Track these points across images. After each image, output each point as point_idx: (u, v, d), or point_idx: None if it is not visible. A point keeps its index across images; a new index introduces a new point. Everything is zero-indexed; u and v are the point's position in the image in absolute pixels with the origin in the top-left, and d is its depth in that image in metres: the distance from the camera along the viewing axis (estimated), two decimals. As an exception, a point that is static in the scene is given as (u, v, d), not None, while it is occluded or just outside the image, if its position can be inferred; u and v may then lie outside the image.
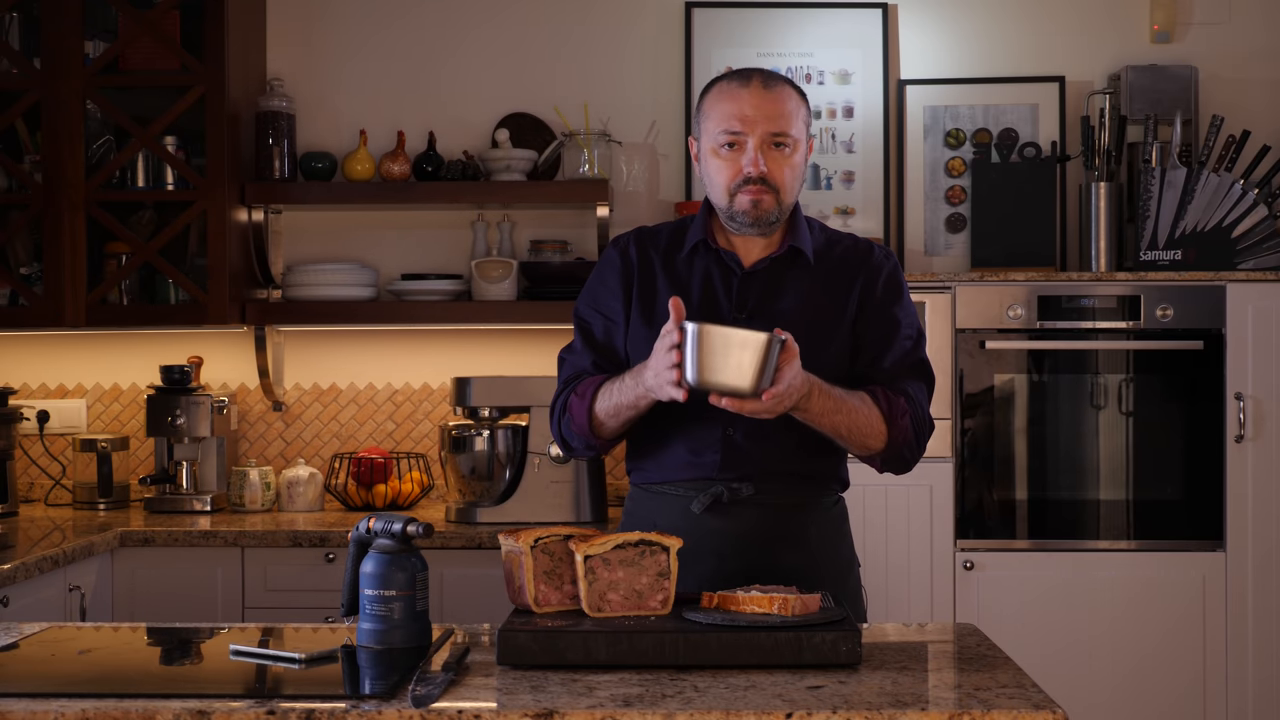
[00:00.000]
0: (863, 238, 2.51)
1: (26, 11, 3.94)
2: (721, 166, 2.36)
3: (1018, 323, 3.69)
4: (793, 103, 2.36)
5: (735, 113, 2.34)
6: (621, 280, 2.45)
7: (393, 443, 4.18)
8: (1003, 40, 4.18)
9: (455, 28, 4.22)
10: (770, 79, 2.37)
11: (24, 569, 3.03)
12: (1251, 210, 3.79)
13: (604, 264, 2.49)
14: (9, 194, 3.94)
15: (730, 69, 2.44)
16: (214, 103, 3.85)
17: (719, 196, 2.38)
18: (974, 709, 1.74)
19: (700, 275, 2.41)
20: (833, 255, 2.45)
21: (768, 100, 2.33)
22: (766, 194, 2.33)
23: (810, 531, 2.42)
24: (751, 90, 2.34)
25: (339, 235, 4.21)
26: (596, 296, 2.48)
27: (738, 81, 2.37)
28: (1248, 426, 3.65)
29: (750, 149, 2.33)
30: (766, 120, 2.33)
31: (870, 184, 4.15)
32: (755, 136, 2.33)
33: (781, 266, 2.41)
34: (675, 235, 2.48)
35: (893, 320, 2.42)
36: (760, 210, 2.34)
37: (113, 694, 1.80)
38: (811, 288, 2.41)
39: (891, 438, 2.36)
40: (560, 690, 1.83)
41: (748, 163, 2.33)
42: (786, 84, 2.38)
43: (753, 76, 2.37)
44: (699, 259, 2.43)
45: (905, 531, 3.67)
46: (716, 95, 2.39)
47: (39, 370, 4.22)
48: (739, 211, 2.35)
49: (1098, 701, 3.65)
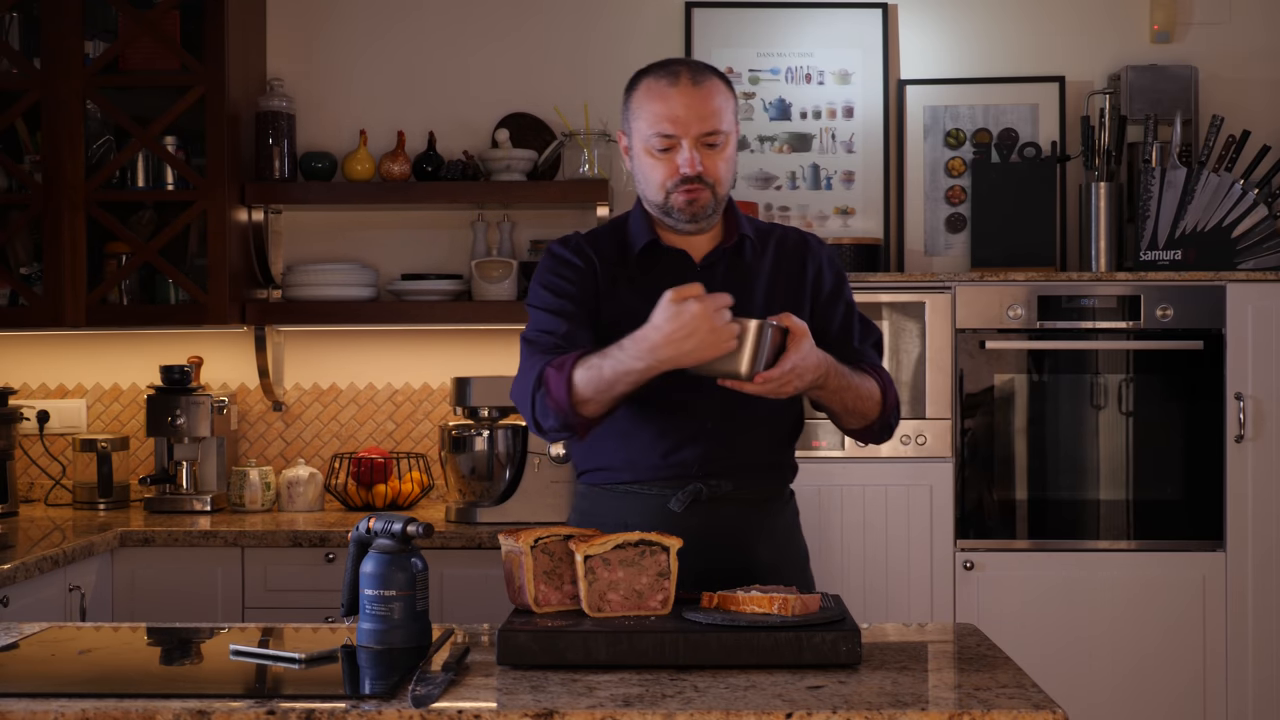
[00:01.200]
0: (788, 226, 2.55)
1: (26, 11, 3.94)
2: (655, 165, 2.35)
3: (1018, 323, 3.69)
4: (721, 96, 2.34)
5: (666, 114, 2.31)
6: (588, 277, 2.40)
7: (393, 443, 4.18)
8: (1003, 40, 4.18)
9: (455, 28, 4.22)
10: (698, 72, 2.34)
11: (24, 569, 3.03)
12: (1251, 210, 3.79)
13: (559, 262, 2.42)
14: (9, 194, 3.94)
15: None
16: (214, 103, 3.85)
17: (654, 194, 2.37)
18: (974, 709, 1.74)
19: (658, 275, 2.39)
20: (771, 244, 2.47)
21: (698, 98, 2.31)
22: (703, 191, 2.33)
23: (779, 523, 2.46)
24: (681, 89, 2.32)
25: (339, 235, 4.21)
26: (559, 289, 2.39)
27: (665, 79, 2.33)
28: (1248, 426, 3.65)
29: (685, 149, 2.32)
30: (699, 120, 2.31)
31: (870, 184, 4.15)
32: (689, 137, 2.31)
33: (733, 258, 2.43)
34: (616, 238, 2.45)
35: (847, 303, 2.50)
36: (697, 207, 2.34)
37: (113, 694, 1.80)
38: (766, 278, 2.43)
39: (885, 408, 2.43)
40: (560, 690, 1.83)
41: (684, 163, 2.32)
42: (713, 75, 2.36)
43: (680, 72, 2.33)
44: (652, 258, 2.42)
45: (905, 531, 3.67)
46: (645, 94, 2.35)
47: (39, 370, 4.22)
48: (675, 209, 2.35)
49: (1098, 701, 3.65)
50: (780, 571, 2.39)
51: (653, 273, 2.40)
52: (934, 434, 3.67)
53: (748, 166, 4.15)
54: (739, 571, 2.33)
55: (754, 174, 4.15)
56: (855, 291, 3.63)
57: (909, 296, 3.69)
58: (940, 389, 3.67)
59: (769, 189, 4.15)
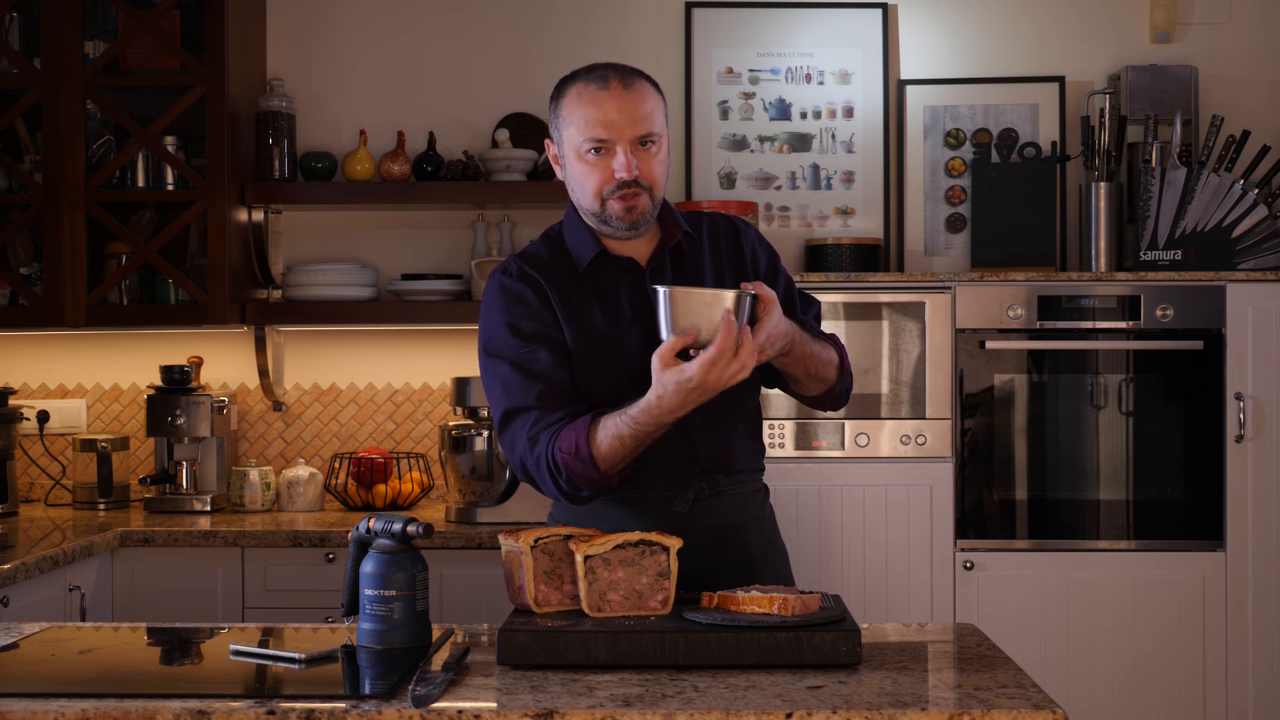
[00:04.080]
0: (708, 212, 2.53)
1: (26, 11, 3.94)
2: (590, 172, 2.30)
3: (1018, 323, 3.69)
4: (652, 99, 2.31)
5: (599, 119, 2.27)
6: (546, 312, 2.33)
7: (393, 443, 4.18)
8: (1003, 40, 4.18)
9: (455, 28, 4.22)
10: (627, 76, 2.31)
11: (24, 569, 3.03)
12: (1251, 210, 3.79)
13: (513, 298, 2.34)
14: (9, 194, 3.94)
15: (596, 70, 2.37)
16: (214, 103, 3.85)
17: (589, 202, 2.32)
18: (974, 709, 1.74)
19: (609, 286, 2.37)
20: (704, 231, 2.46)
21: (630, 101, 2.27)
22: (640, 195, 2.30)
23: (764, 515, 2.48)
24: (611, 93, 2.27)
25: (339, 235, 4.21)
26: (525, 327, 2.32)
27: (595, 84, 2.29)
28: (1248, 426, 3.65)
29: (620, 154, 2.28)
30: (632, 124, 2.27)
31: (870, 184, 4.15)
32: (623, 141, 2.28)
33: (676, 255, 2.41)
34: (556, 253, 2.39)
35: (786, 278, 2.51)
36: (635, 214, 2.31)
37: (113, 694, 1.80)
38: (711, 270, 2.43)
39: (843, 373, 2.47)
40: (560, 690, 1.83)
41: (619, 168, 2.28)
42: (642, 78, 2.33)
43: (609, 76, 2.29)
44: (600, 271, 2.37)
45: (905, 531, 3.67)
46: (575, 99, 2.30)
47: (39, 370, 4.22)
48: (612, 216, 2.31)
49: (1098, 701, 3.65)
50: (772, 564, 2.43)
51: (604, 284, 2.36)
52: (934, 434, 3.67)
53: (748, 166, 4.15)
54: (735, 564, 2.34)
55: (754, 174, 4.15)
56: (854, 292, 3.70)
57: (909, 296, 3.69)
58: (940, 389, 3.67)
59: (769, 189, 4.15)
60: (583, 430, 2.20)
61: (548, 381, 2.28)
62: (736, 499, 2.41)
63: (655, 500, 2.36)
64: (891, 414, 3.68)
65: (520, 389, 2.28)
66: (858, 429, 3.67)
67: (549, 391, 2.27)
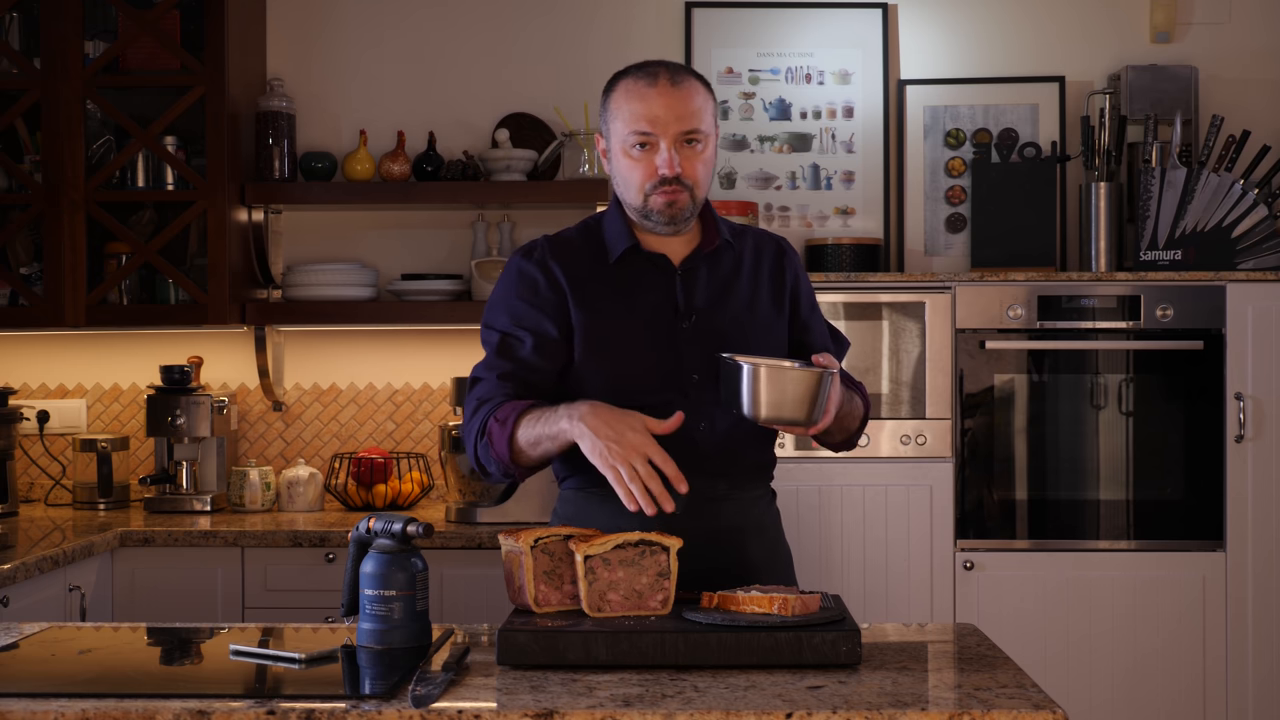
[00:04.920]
0: (757, 228, 2.55)
1: (26, 11, 3.94)
2: (634, 166, 2.33)
3: (1018, 323, 3.69)
4: (700, 97, 2.33)
5: (645, 113, 2.30)
6: (553, 298, 2.37)
7: (393, 443, 4.18)
8: (1003, 40, 4.18)
9: (455, 28, 4.22)
10: (677, 73, 2.32)
11: (24, 569, 3.03)
12: (1251, 210, 3.79)
13: (522, 280, 2.39)
14: (9, 194, 3.94)
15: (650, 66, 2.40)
16: (214, 103, 3.85)
17: (633, 196, 2.36)
18: (974, 709, 1.74)
19: (638, 280, 2.39)
20: (748, 247, 2.47)
21: (677, 98, 2.30)
22: (681, 193, 2.32)
23: (767, 520, 2.47)
24: (659, 89, 2.30)
25: (339, 235, 4.21)
26: (520, 312, 2.37)
27: (644, 80, 2.32)
28: (1248, 426, 3.65)
29: (663, 149, 2.30)
30: (677, 120, 2.30)
31: (870, 184, 4.15)
32: (667, 137, 2.30)
33: (713, 261, 2.42)
34: (591, 241, 2.42)
35: (819, 313, 2.54)
36: (675, 209, 2.33)
37: (113, 694, 1.80)
38: (747, 281, 2.43)
39: (863, 423, 2.52)
40: (560, 690, 1.83)
41: (662, 164, 2.30)
42: (693, 76, 2.35)
43: (659, 73, 2.32)
44: (631, 264, 2.40)
45: (905, 531, 3.67)
46: (624, 94, 2.33)
47: (39, 370, 4.22)
48: (653, 211, 2.34)
49: (1098, 701, 3.65)
50: (772, 569, 2.42)
51: (631, 278, 2.39)
52: (934, 434, 3.67)
53: (748, 166, 4.15)
54: (733, 570, 2.33)
55: (754, 174, 4.15)
56: (855, 292, 3.70)
57: (909, 296, 3.69)
58: (940, 389, 3.67)
59: (769, 189, 4.15)
60: (520, 407, 2.28)
61: (519, 366, 2.34)
62: (737, 504, 2.41)
63: None
64: (891, 414, 3.68)
65: (494, 362, 2.37)
66: (858, 429, 3.67)
67: (516, 375, 2.34)
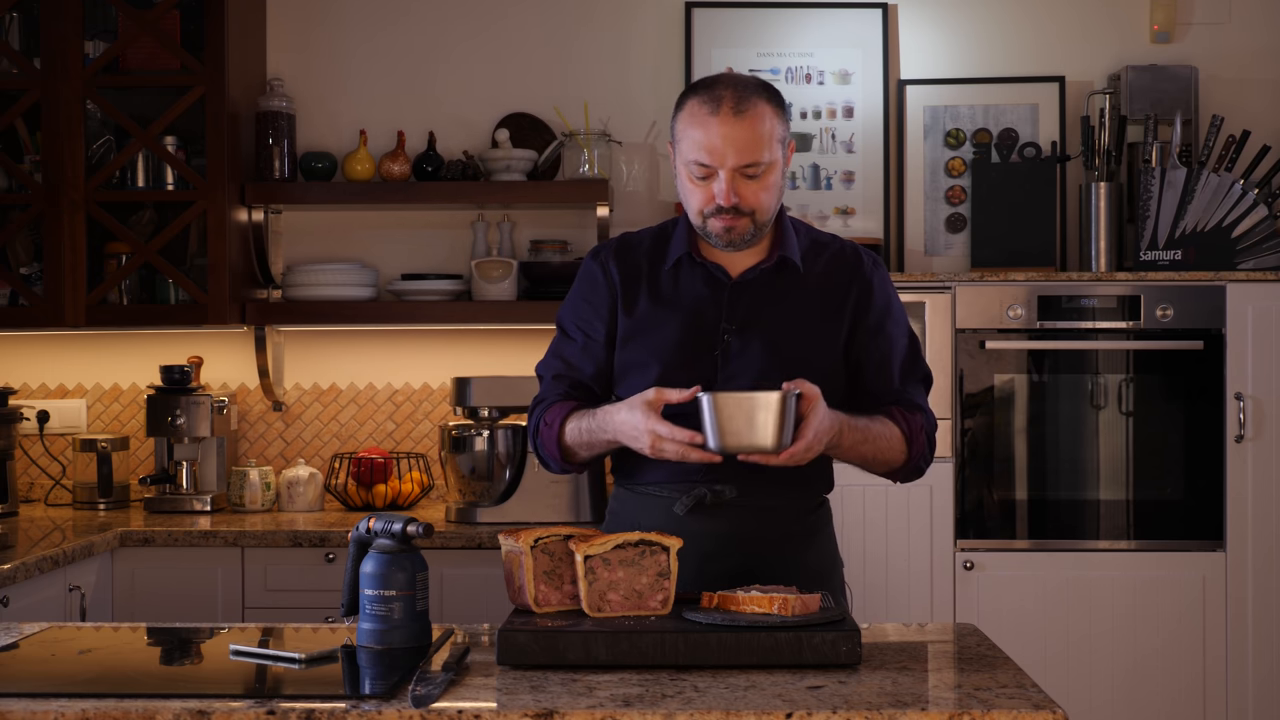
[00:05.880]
0: (848, 240, 2.48)
1: (26, 11, 3.94)
2: (694, 190, 2.32)
3: (1018, 323, 3.69)
4: (766, 123, 2.28)
5: (704, 143, 2.27)
6: (606, 298, 2.42)
7: (393, 443, 4.18)
8: (1003, 40, 4.18)
9: (455, 28, 4.22)
10: (741, 101, 2.27)
11: (24, 569, 3.03)
12: (1251, 210, 3.79)
13: (585, 278, 2.46)
14: (9, 194, 3.94)
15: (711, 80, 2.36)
16: (214, 103, 3.85)
17: (693, 216, 2.35)
18: (974, 709, 1.74)
19: (687, 288, 2.38)
20: (821, 261, 2.42)
21: (738, 129, 2.26)
22: (740, 220, 2.30)
23: (793, 533, 2.41)
24: (721, 119, 2.26)
25: (339, 235, 4.21)
26: (579, 311, 2.45)
27: (708, 106, 2.28)
28: (1248, 426, 3.65)
29: (722, 180, 2.28)
30: (736, 153, 2.26)
31: (870, 184, 4.15)
32: (726, 169, 2.27)
33: (770, 276, 2.39)
34: (658, 244, 2.44)
35: (890, 334, 2.43)
36: (734, 235, 2.32)
37: (113, 694, 1.80)
38: (802, 297, 2.39)
39: (911, 455, 2.40)
40: (560, 690, 1.83)
41: (719, 194, 2.28)
42: (759, 99, 2.29)
43: (723, 101, 2.27)
44: (684, 271, 2.40)
45: (905, 531, 3.67)
46: (688, 118, 2.31)
47: (39, 370, 4.22)
48: (712, 234, 2.33)
49: (1098, 701, 3.65)
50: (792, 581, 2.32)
51: (682, 286, 2.39)
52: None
53: (748, 166, 4.15)
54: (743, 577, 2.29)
55: (754, 174, 4.15)
56: None
57: (909, 296, 3.68)
58: (940, 389, 3.67)
59: (769, 189, 4.15)
60: (566, 410, 2.39)
61: (568, 367, 2.44)
62: (748, 512, 2.36)
63: (666, 499, 2.37)
64: (891, 414, 3.67)
65: (550, 361, 2.47)
66: (858, 429, 3.66)
67: (566, 376, 2.44)
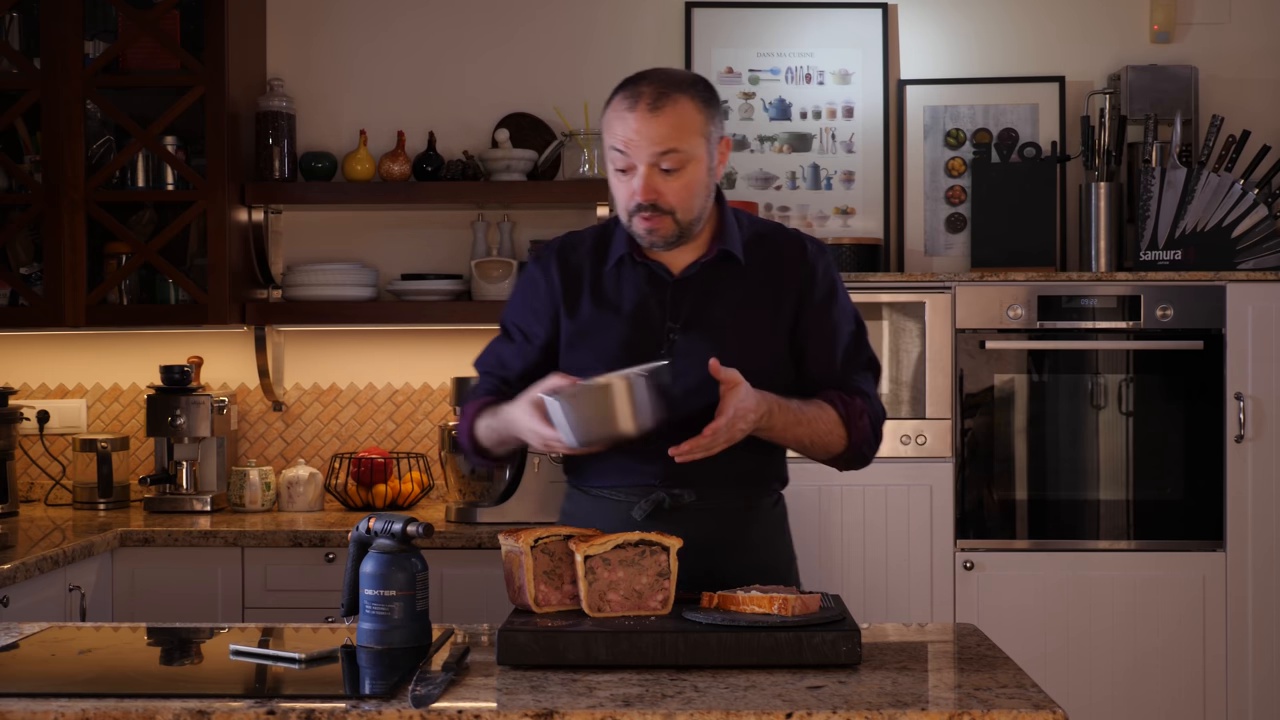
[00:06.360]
0: (792, 229, 2.45)
1: (26, 11, 3.94)
2: (618, 186, 2.28)
3: (1018, 323, 3.69)
4: (685, 116, 2.23)
5: (621, 136, 2.23)
6: (547, 302, 2.40)
7: (393, 443, 4.18)
8: (1003, 40, 4.18)
9: (455, 28, 4.22)
10: (660, 96, 2.22)
11: (24, 569, 3.03)
12: (1251, 210, 3.79)
13: (527, 280, 2.45)
14: (9, 194, 3.94)
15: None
16: (214, 103, 3.85)
17: (621, 215, 2.31)
18: (974, 709, 1.74)
19: (629, 289, 2.35)
20: (764, 251, 2.38)
21: (653, 122, 2.21)
22: (661, 219, 2.26)
23: (753, 534, 2.40)
24: (638, 112, 2.22)
25: (339, 235, 4.21)
26: (520, 313, 2.44)
27: (628, 101, 2.23)
28: (1248, 426, 3.65)
29: (639, 175, 2.24)
30: (650, 144, 2.21)
31: (870, 184, 4.15)
32: (642, 163, 2.23)
33: (712, 271, 2.35)
34: (599, 244, 2.40)
35: (834, 320, 2.39)
36: (656, 236, 2.28)
37: (113, 694, 1.80)
38: (746, 289, 2.36)
39: (852, 440, 2.37)
40: (560, 690, 1.83)
41: (636, 189, 2.25)
42: (682, 94, 2.23)
43: (642, 93, 2.23)
44: (626, 271, 2.36)
45: (905, 531, 3.67)
46: (611, 112, 2.27)
47: (39, 370, 4.22)
48: (638, 234, 2.30)
49: (1098, 701, 3.65)
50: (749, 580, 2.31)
51: (625, 285, 2.36)
52: (934, 434, 3.67)
53: (748, 166, 4.15)
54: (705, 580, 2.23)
55: (754, 174, 4.15)
56: (855, 292, 3.63)
57: (909, 296, 3.68)
58: (940, 389, 3.67)
59: (769, 189, 4.15)
60: (480, 404, 2.41)
61: (500, 365, 2.45)
62: (708, 515, 2.34)
63: (622, 503, 2.34)
64: (891, 414, 3.68)
65: (489, 354, 2.49)
66: (858, 429, 3.66)
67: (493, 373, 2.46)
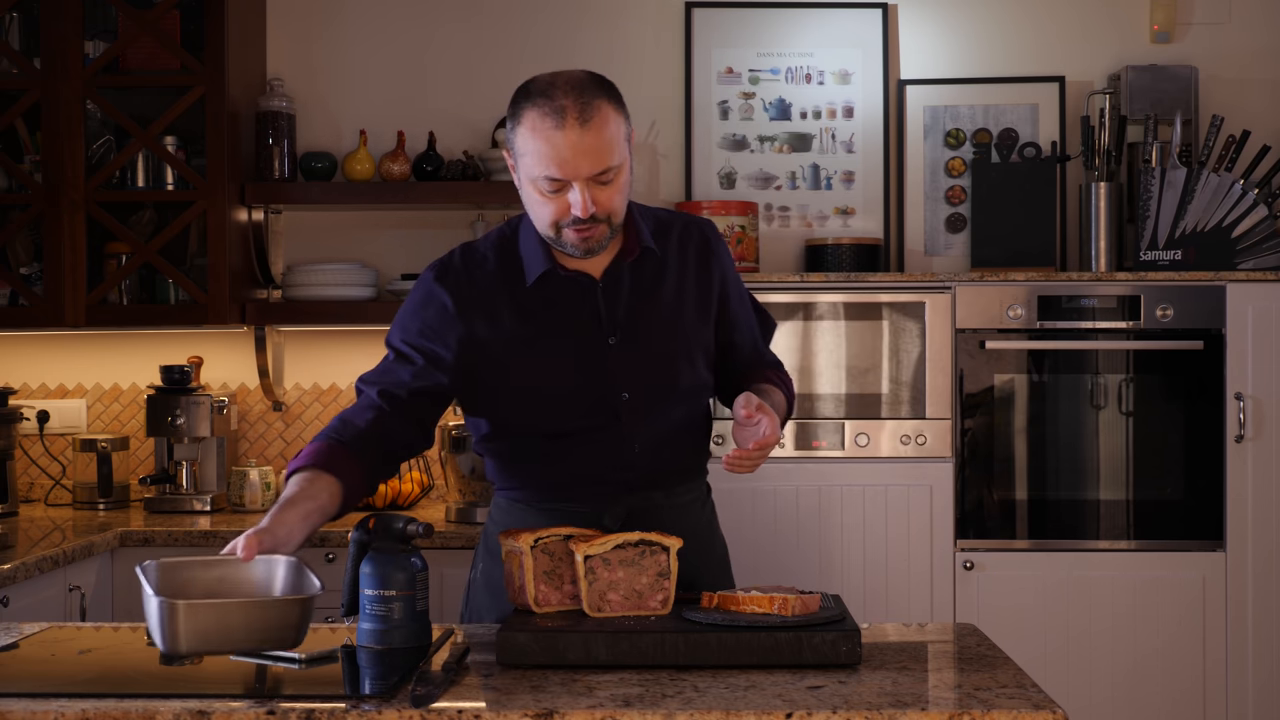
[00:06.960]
0: (680, 213, 2.44)
1: (26, 11, 3.94)
2: (545, 203, 2.20)
3: (1018, 323, 3.69)
4: (611, 126, 2.17)
5: (554, 157, 2.15)
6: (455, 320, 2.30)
7: (393, 443, 4.17)
8: (1003, 40, 4.18)
9: (455, 27, 4.22)
10: (585, 109, 2.15)
11: (24, 569, 3.03)
12: (1251, 210, 3.79)
13: (427, 300, 2.32)
14: (9, 194, 3.94)
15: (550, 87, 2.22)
16: (214, 103, 3.85)
17: (543, 228, 2.24)
18: (974, 709, 1.74)
19: (559, 303, 2.30)
20: (672, 241, 2.37)
21: (586, 139, 2.14)
22: (596, 228, 2.21)
23: (699, 525, 2.43)
24: (567, 131, 2.14)
25: (339, 235, 4.21)
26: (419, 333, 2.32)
27: (551, 119, 2.15)
28: (1248, 426, 3.65)
29: (576, 192, 2.17)
30: (590, 163, 2.15)
31: (870, 184, 4.15)
32: (579, 180, 2.16)
33: (636, 270, 2.33)
34: (507, 259, 2.33)
35: (745, 301, 2.48)
36: (591, 244, 2.22)
37: (113, 694, 1.80)
38: (671, 284, 2.35)
39: (790, 410, 2.49)
40: (560, 690, 1.83)
41: (576, 206, 2.17)
42: (601, 101, 2.18)
43: (566, 111, 2.15)
44: (551, 286, 2.30)
45: (905, 531, 3.67)
46: (531, 130, 2.18)
47: (39, 370, 4.22)
48: (568, 244, 2.22)
49: (1098, 701, 3.65)
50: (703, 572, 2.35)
51: (551, 298, 2.30)
52: (934, 434, 3.67)
53: (748, 166, 4.15)
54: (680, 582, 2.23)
55: (754, 174, 4.15)
56: (855, 291, 3.70)
57: (909, 296, 3.69)
58: (940, 389, 3.67)
59: (769, 189, 4.15)
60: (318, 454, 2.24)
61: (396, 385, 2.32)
62: (674, 511, 2.37)
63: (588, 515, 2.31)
64: (891, 414, 3.68)
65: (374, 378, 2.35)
66: (858, 429, 3.67)
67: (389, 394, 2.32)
